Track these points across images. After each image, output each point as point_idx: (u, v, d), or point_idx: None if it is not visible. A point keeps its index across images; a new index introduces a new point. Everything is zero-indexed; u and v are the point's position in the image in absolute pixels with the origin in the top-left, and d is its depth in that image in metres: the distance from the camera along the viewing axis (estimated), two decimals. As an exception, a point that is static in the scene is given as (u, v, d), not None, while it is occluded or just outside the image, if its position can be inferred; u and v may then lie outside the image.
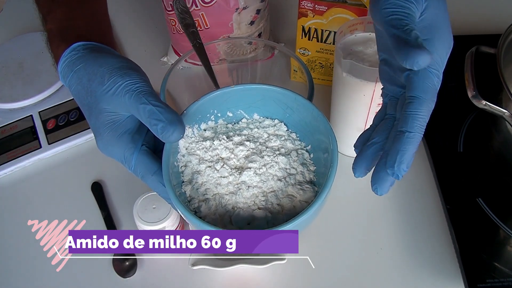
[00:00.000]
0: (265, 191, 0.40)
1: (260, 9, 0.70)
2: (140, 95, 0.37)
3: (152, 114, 0.36)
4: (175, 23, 0.71)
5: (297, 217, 0.35)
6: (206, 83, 0.60)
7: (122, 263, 0.56)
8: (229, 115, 0.45)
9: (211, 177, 0.40)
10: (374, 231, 0.58)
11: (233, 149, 0.42)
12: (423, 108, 0.34)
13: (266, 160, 0.41)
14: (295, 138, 0.44)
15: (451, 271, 0.54)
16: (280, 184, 0.40)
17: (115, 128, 0.39)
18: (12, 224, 0.61)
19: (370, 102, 0.55)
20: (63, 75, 0.42)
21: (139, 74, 0.39)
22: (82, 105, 0.41)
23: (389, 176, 0.34)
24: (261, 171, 0.40)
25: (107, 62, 0.39)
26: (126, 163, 0.40)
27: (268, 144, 0.43)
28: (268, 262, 0.52)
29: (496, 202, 0.58)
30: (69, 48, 0.42)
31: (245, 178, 0.40)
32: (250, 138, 0.43)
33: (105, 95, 0.38)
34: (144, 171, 0.40)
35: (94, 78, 0.39)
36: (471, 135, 0.65)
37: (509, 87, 0.55)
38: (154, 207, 0.54)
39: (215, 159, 0.41)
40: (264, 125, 0.44)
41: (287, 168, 0.41)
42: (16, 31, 0.83)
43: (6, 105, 0.70)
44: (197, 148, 0.42)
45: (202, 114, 0.43)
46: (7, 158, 0.65)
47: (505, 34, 0.60)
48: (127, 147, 0.40)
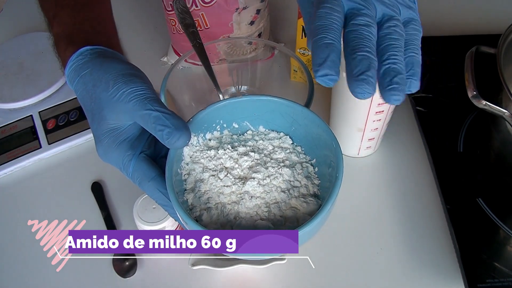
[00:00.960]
0: (268, 202, 0.39)
1: (260, 9, 0.70)
2: (145, 101, 0.37)
3: (158, 120, 0.36)
4: (175, 23, 0.71)
5: (301, 227, 0.35)
6: (206, 83, 0.60)
7: (122, 263, 0.56)
8: (235, 126, 0.45)
9: (214, 186, 0.40)
10: (374, 231, 0.58)
11: (238, 159, 0.42)
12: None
13: (270, 172, 0.41)
14: (300, 152, 0.44)
15: (451, 271, 0.54)
16: (283, 196, 0.40)
17: (115, 136, 0.39)
18: (12, 224, 0.61)
19: (370, 102, 0.55)
20: (70, 79, 0.42)
21: (143, 81, 0.39)
22: (86, 110, 0.41)
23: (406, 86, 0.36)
24: (264, 182, 0.40)
25: (113, 68, 0.39)
26: (124, 170, 0.40)
27: (273, 156, 0.42)
28: (268, 262, 0.52)
29: (496, 202, 0.58)
30: (76, 53, 0.42)
31: (248, 188, 0.40)
32: (255, 149, 0.43)
33: (109, 102, 0.38)
34: (141, 177, 0.40)
35: (99, 84, 0.39)
36: (471, 135, 0.65)
37: (509, 87, 0.55)
38: (154, 207, 0.54)
39: (218, 168, 0.41)
40: (270, 137, 0.44)
41: (291, 181, 0.41)
42: (16, 31, 0.83)
43: (6, 105, 0.70)
44: (201, 157, 0.42)
45: (208, 124, 0.43)
46: (7, 158, 0.65)
47: (505, 34, 0.60)
48: (125, 154, 0.40)
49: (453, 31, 0.80)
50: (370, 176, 0.63)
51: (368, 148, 0.64)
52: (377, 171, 0.64)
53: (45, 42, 0.77)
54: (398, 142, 0.66)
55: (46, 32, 0.78)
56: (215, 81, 0.59)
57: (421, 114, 0.68)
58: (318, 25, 0.34)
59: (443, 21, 0.83)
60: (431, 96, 0.70)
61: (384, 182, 0.62)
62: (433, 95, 0.70)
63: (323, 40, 0.33)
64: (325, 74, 0.33)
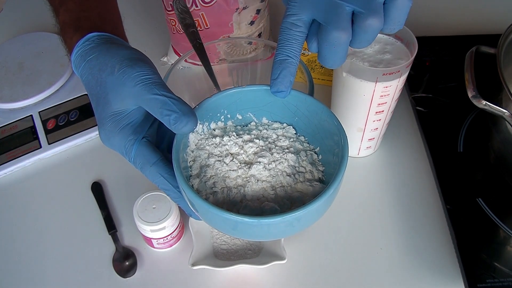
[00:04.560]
0: (274, 185, 0.39)
1: (260, 9, 0.70)
2: (152, 86, 0.37)
3: (165, 105, 0.36)
4: (175, 23, 0.71)
5: (310, 202, 0.35)
6: (206, 83, 0.60)
7: (122, 263, 0.56)
8: (238, 118, 0.45)
9: (220, 171, 0.40)
10: (374, 231, 0.58)
11: (243, 145, 0.42)
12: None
13: (276, 157, 0.41)
14: (303, 141, 0.44)
15: (451, 271, 0.54)
16: (289, 180, 0.40)
17: (118, 120, 0.39)
18: (12, 224, 0.61)
19: (370, 102, 0.55)
20: (76, 64, 0.42)
21: (149, 66, 0.39)
22: (91, 95, 0.41)
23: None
24: (270, 166, 0.40)
25: (119, 53, 0.39)
26: (126, 154, 0.40)
27: (277, 143, 0.43)
28: (268, 262, 0.52)
29: (496, 202, 0.58)
30: (83, 38, 0.42)
31: (254, 171, 0.40)
32: (259, 137, 0.43)
33: (115, 86, 0.38)
34: (143, 162, 0.39)
35: (105, 68, 0.39)
36: (471, 135, 0.65)
37: (509, 87, 0.55)
38: (154, 207, 0.54)
39: (224, 154, 0.41)
40: (273, 127, 0.44)
41: (296, 166, 0.41)
42: (16, 31, 0.83)
43: (6, 105, 0.70)
44: (206, 144, 0.42)
45: (213, 113, 0.43)
46: (7, 158, 0.65)
47: (505, 34, 0.60)
48: (128, 138, 0.39)
49: (453, 31, 0.80)
50: (370, 176, 0.63)
51: (368, 148, 0.64)
52: (377, 171, 0.64)
53: (45, 42, 0.77)
54: (398, 142, 0.66)
55: (46, 32, 0.79)
56: (215, 81, 0.59)
57: (421, 114, 0.68)
58: (278, 39, 0.37)
59: (443, 21, 0.83)
60: (431, 96, 0.70)
61: (384, 182, 0.62)
62: (433, 95, 0.70)
63: (278, 56, 0.37)
64: (276, 90, 0.38)
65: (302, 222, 0.36)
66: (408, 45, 0.54)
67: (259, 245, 0.56)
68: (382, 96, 0.55)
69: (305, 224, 0.37)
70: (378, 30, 0.35)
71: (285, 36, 0.37)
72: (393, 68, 0.51)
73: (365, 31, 0.35)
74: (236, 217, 0.34)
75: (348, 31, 0.35)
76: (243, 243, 0.56)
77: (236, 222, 0.34)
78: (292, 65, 0.37)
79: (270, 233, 0.36)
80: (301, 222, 0.36)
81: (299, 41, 0.37)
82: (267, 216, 0.34)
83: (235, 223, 0.35)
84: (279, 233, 0.37)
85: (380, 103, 0.56)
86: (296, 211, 0.34)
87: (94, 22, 0.44)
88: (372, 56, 0.54)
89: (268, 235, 0.37)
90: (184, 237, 0.58)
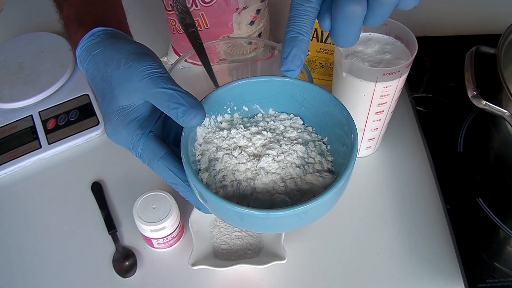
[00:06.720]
0: (283, 177, 0.39)
1: (260, 9, 0.70)
2: (159, 79, 0.37)
3: (172, 98, 0.36)
4: (175, 23, 0.71)
5: (323, 193, 0.35)
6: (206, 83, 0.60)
7: (122, 263, 0.56)
8: (245, 110, 0.45)
9: (229, 164, 0.40)
10: (374, 231, 0.58)
11: (250, 138, 0.42)
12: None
13: (284, 149, 0.41)
14: (311, 131, 0.44)
15: (451, 271, 0.54)
16: (299, 171, 0.40)
17: (124, 115, 0.39)
18: (12, 224, 0.61)
19: (370, 102, 0.55)
20: (81, 59, 0.42)
21: (155, 60, 0.38)
22: (97, 90, 0.40)
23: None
24: (279, 158, 0.40)
25: (125, 48, 0.39)
26: (133, 149, 0.40)
27: (285, 135, 0.42)
28: (268, 262, 0.52)
29: (496, 202, 0.58)
30: (88, 33, 0.42)
31: (263, 164, 0.39)
32: (266, 129, 0.43)
33: (121, 80, 0.38)
34: (150, 156, 0.39)
35: (111, 63, 0.39)
36: (471, 135, 0.65)
37: (509, 87, 0.55)
38: (154, 207, 0.54)
39: (232, 147, 0.41)
40: (280, 118, 0.44)
41: (305, 157, 0.41)
42: (16, 31, 0.83)
43: (6, 105, 0.70)
44: (214, 137, 0.42)
45: (220, 105, 0.43)
46: (7, 158, 0.65)
47: (505, 34, 0.60)
48: (134, 133, 0.39)
49: (453, 31, 0.80)
50: (370, 176, 0.63)
51: (368, 148, 0.64)
52: (377, 171, 0.64)
53: (45, 42, 0.77)
54: (398, 142, 0.66)
55: (46, 32, 0.79)
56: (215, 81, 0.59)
57: (421, 114, 0.68)
58: (289, 16, 0.36)
59: (443, 21, 0.83)
60: (431, 96, 0.70)
61: (384, 182, 0.62)
62: (433, 95, 0.70)
63: (289, 33, 0.36)
64: (287, 69, 0.37)
65: (310, 215, 0.36)
66: (408, 45, 0.54)
67: (259, 245, 0.56)
68: (382, 96, 0.55)
69: (317, 215, 0.36)
70: (394, 5, 0.34)
71: (296, 12, 0.36)
72: (393, 68, 0.51)
73: (381, 5, 0.33)
74: (248, 211, 0.34)
75: (363, 3, 0.33)
76: (243, 243, 0.56)
77: (248, 215, 0.34)
78: (303, 42, 0.36)
79: (284, 225, 0.36)
80: (308, 215, 0.35)
81: (310, 17, 0.36)
82: (280, 208, 0.34)
83: (248, 217, 0.34)
84: (291, 225, 0.37)
85: (380, 103, 0.56)
86: (307, 203, 0.34)
87: (98, 17, 0.44)
88: (372, 56, 0.54)
89: (281, 227, 0.37)
90: (184, 237, 0.58)
